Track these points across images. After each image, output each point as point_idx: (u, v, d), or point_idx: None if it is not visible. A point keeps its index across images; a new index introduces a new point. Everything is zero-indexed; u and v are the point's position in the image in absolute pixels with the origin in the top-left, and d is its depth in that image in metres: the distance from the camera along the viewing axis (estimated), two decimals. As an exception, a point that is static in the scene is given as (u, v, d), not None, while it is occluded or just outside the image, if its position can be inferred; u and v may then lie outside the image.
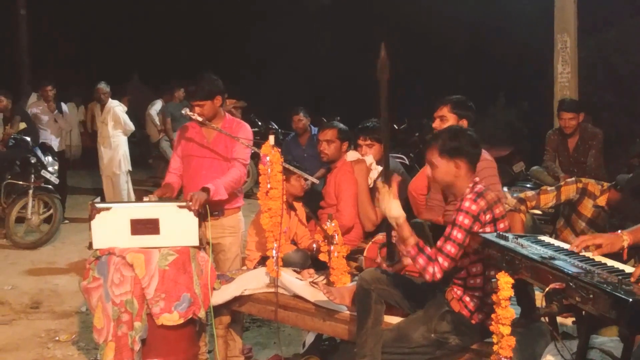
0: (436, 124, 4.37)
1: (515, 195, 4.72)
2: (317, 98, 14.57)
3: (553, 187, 4.47)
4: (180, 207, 4.33)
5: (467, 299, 3.44)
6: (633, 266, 2.61)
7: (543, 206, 4.45)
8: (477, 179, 3.49)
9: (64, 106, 10.83)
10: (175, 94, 11.58)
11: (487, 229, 3.31)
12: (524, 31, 12.92)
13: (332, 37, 17.54)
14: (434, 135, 3.71)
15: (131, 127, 10.13)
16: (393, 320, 3.75)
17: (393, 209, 3.40)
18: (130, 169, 10.29)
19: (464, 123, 4.37)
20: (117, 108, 9.98)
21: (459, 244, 3.30)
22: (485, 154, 4.26)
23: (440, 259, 3.29)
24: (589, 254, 2.76)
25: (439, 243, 3.35)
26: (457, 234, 3.30)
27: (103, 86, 9.90)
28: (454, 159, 3.46)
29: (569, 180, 4.51)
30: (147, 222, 4.31)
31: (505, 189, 6.77)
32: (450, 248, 3.30)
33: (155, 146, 12.69)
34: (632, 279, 2.42)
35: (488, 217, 3.32)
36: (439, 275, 3.30)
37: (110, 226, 4.29)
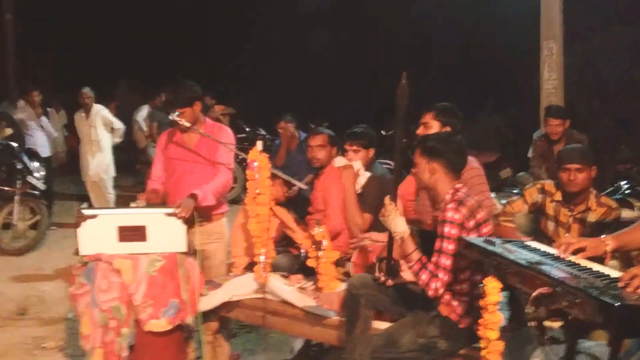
0: (420, 130, 4.38)
1: (503, 201, 4.76)
2: (305, 104, 14.56)
3: (518, 195, 4.55)
4: (168, 215, 4.31)
5: (456, 303, 3.45)
6: (621, 270, 2.62)
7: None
8: (458, 185, 3.51)
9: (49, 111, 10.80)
10: (157, 99, 11.56)
11: (472, 235, 3.33)
12: (511, 38, 13.01)
13: (321, 46, 17.57)
14: (424, 135, 3.77)
15: (121, 125, 10.14)
16: (382, 325, 3.76)
17: (399, 225, 3.47)
18: (115, 175, 10.30)
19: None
20: (104, 111, 9.99)
21: (452, 255, 3.35)
22: (473, 162, 4.27)
23: (440, 274, 3.34)
24: (572, 258, 2.78)
25: (433, 258, 3.39)
26: (448, 246, 3.35)
27: (87, 91, 9.87)
28: (431, 161, 3.52)
29: (528, 185, 4.59)
30: (134, 229, 4.28)
31: (493, 194, 6.80)
32: (445, 261, 3.34)
33: (143, 152, 12.63)
34: (619, 284, 2.44)
35: (472, 223, 3.37)
36: (441, 291, 3.37)
37: (97, 233, 4.26)
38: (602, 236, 2.94)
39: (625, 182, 7.73)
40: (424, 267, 3.37)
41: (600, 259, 2.88)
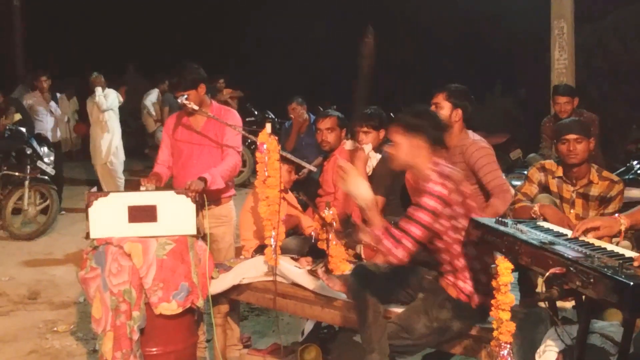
0: None
1: (514, 182, 4.73)
2: (313, 87, 14.52)
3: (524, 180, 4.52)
4: (178, 193, 4.31)
5: (461, 284, 3.39)
6: (633, 250, 2.60)
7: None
8: (438, 160, 3.42)
9: (58, 97, 10.83)
10: (165, 83, 11.57)
11: (457, 209, 3.26)
12: (520, 18, 12.89)
13: (328, 26, 17.48)
14: (397, 114, 3.67)
15: (105, 106, 10.10)
16: (393, 308, 3.72)
17: (361, 188, 3.27)
18: (124, 159, 10.34)
19: (459, 112, 4.35)
20: (115, 93, 10.05)
21: (425, 226, 3.21)
22: (482, 142, 4.26)
23: (404, 241, 3.20)
24: (584, 238, 2.76)
25: (401, 223, 3.25)
26: (423, 216, 3.21)
27: (95, 77, 9.95)
28: (415, 137, 3.39)
29: (528, 168, 4.57)
30: (144, 208, 4.28)
31: (503, 175, 6.77)
32: (415, 230, 3.21)
33: (151, 136, 12.66)
34: (635, 264, 2.41)
35: (458, 197, 3.27)
36: (405, 259, 3.22)
37: (108, 213, 4.27)
38: (616, 215, 2.91)
39: (637, 162, 7.67)
40: (388, 235, 3.21)
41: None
